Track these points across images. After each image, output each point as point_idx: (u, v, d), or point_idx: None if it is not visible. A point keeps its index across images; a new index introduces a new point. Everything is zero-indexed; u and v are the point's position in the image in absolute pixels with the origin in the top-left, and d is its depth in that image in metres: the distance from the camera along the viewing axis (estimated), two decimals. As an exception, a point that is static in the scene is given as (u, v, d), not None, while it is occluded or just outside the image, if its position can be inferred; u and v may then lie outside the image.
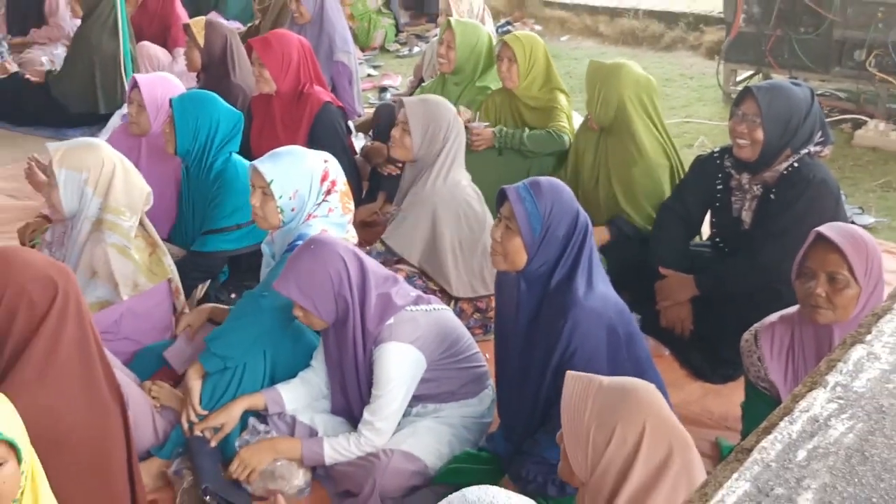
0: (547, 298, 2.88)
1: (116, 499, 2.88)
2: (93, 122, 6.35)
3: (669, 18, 9.18)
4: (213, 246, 4.18)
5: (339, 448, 3.11)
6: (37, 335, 2.65)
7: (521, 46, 4.88)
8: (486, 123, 4.91)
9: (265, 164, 3.48)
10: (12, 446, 2.13)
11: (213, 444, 3.23)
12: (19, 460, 2.15)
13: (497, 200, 2.98)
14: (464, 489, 1.83)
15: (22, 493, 2.17)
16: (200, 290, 4.09)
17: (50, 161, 3.76)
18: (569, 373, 2.20)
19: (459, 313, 3.89)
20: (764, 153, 3.69)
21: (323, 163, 3.56)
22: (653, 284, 4.01)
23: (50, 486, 2.36)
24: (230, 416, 3.24)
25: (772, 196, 3.74)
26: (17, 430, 2.17)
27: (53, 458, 2.41)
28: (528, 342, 2.93)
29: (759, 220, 3.81)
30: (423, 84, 5.98)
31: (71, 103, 6.72)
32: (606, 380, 2.18)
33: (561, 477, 2.26)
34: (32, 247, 4.16)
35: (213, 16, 6.43)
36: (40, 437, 2.52)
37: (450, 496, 1.84)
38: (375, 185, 5.17)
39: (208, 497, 3.06)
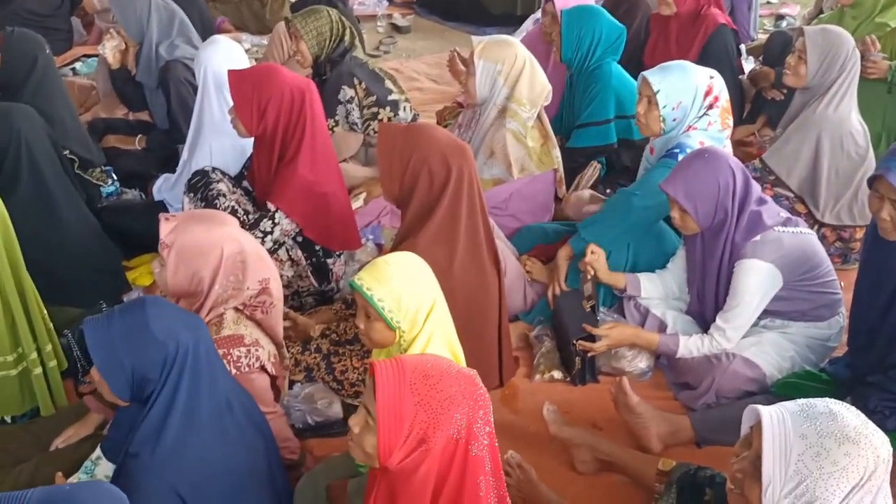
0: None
1: (488, 347, 3.06)
2: (510, 22, 6.52)
3: None
4: (580, 142, 4.20)
5: (691, 346, 3.07)
6: (438, 204, 2.83)
7: (937, -10, 4.33)
8: (885, 55, 4.43)
9: (654, 75, 3.40)
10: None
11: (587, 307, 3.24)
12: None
13: None
14: (823, 399, 1.73)
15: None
16: (586, 181, 4.13)
17: (471, 53, 3.94)
18: None
19: (822, 238, 3.62)
20: None
21: (708, 78, 3.41)
22: None
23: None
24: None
25: None
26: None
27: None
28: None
29: None
30: (821, 15, 5.52)
31: (492, 5, 6.94)
32: None
33: None
34: (445, 127, 4.39)
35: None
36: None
37: (811, 399, 1.75)
38: (758, 107, 4.92)
39: (574, 349, 3.14)
